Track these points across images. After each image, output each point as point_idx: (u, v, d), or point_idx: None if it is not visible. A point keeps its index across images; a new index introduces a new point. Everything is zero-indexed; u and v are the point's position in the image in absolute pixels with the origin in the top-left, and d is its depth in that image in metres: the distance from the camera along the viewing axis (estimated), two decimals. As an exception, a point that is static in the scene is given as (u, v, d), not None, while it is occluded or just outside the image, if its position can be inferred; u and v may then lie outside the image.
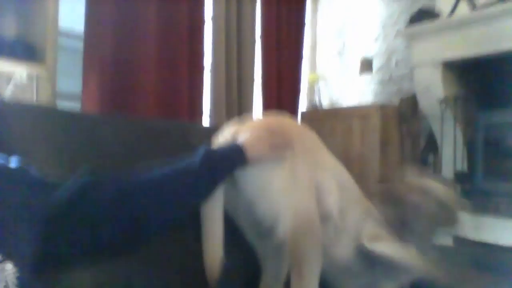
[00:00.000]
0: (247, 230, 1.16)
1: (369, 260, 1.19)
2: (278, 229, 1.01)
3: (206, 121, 3.43)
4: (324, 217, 1.11)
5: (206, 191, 0.92)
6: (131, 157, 1.14)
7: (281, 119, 1.20)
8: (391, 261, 1.15)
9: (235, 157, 0.96)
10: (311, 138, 1.21)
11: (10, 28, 2.47)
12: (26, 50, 2.42)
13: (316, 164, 1.13)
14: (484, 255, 2.30)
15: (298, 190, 1.04)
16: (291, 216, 1.01)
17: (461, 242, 2.44)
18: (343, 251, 1.21)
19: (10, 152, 0.93)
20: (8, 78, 2.41)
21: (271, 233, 1.02)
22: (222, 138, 1.10)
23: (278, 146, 1.05)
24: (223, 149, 0.98)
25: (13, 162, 0.75)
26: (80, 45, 2.75)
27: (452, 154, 2.95)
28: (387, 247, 1.17)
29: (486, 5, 2.68)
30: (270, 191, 1.02)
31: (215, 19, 3.44)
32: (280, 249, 1.11)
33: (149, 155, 1.17)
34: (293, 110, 3.90)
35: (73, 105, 2.86)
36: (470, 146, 2.96)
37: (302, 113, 3.89)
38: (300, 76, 4.01)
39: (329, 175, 1.14)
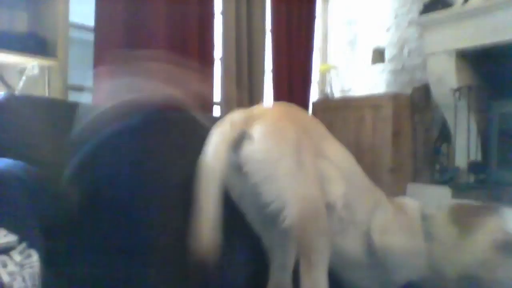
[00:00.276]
0: (253, 218, 1.16)
1: (379, 254, 1.18)
2: (284, 214, 1.01)
3: (217, 113, 3.43)
4: (329, 206, 1.11)
5: None
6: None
7: (288, 108, 1.20)
8: (399, 255, 1.15)
9: None
10: (317, 127, 1.21)
11: (21, 23, 2.49)
12: (37, 44, 2.43)
13: (320, 153, 1.13)
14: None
15: (304, 177, 1.04)
16: (297, 201, 1.01)
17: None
18: (352, 243, 1.20)
19: (21, 145, 0.94)
20: (20, 71, 2.43)
21: (277, 219, 1.02)
22: (230, 125, 1.09)
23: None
24: None
25: (19, 167, 0.76)
26: (91, 37, 2.76)
27: (465, 144, 2.92)
28: (396, 240, 1.16)
29: (500, -8, 2.63)
30: (276, 176, 1.02)
31: (225, 10, 3.43)
32: (286, 238, 1.11)
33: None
34: (304, 100, 3.88)
35: (84, 99, 2.88)
36: (484, 136, 2.92)
37: (314, 104, 3.87)
38: (311, 66, 3.98)
39: (334, 166, 1.14)
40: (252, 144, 1.06)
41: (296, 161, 1.05)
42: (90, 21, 2.75)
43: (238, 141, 1.08)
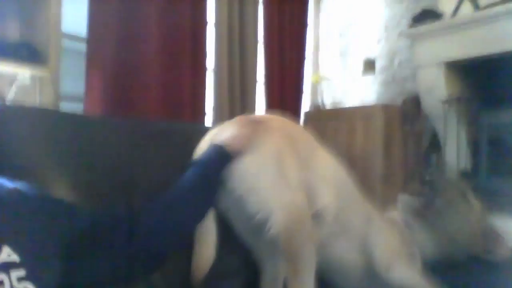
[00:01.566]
0: (241, 230, 1.16)
1: (382, 281, 1.19)
2: (269, 223, 1.01)
3: (209, 122, 3.43)
4: (317, 215, 1.11)
5: (211, 196, 1.01)
6: (135, 159, 1.14)
7: (274, 118, 1.20)
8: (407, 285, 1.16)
9: (218, 156, 1.02)
10: (306, 138, 1.21)
11: (13, 31, 2.49)
12: (29, 53, 2.43)
13: (308, 164, 1.13)
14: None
15: (286, 186, 1.05)
16: (281, 210, 1.01)
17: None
18: (345, 253, 1.21)
19: (13, 156, 0.94)
20: (12, 80, 2.42)
21: (263, 229, 1.02)
22: (203, 142, 1.12)
23: (255, 132, 1.08)
24: (206, 155, 1.03)
25: (25, 187, 0.76)
26: (83, 47, 2.76)
27: (455, 153, 2.94)
28: (404, 276, 1.18)
29: (489, 6, 2.67)
30: (259, 188, 1.03)
31: (217, 20, 3.45)
32: (276, 249, 1.11)
33: (152, 157, 1.18)
34: (296, 110, 3.90)
35: (76, 107, 2.87)
36: (473, 146, 2.95)
37: (305, 113, 3.88)
38: (303, 76, 4.01)
39: (321, 177, 1.14)
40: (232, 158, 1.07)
41: (277, 170, 1.05)
42: (82, 31, 2.75)
43: None
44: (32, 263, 0.66)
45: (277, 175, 1.04)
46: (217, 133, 1.11)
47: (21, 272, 0.64)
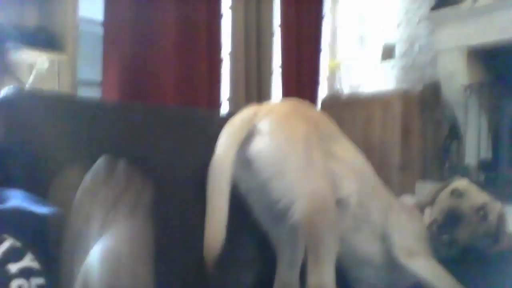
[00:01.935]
0: (260, 213, 1.15)
1: (400, 271, 1.18)
2: (293, 209, 1.01)
3: (225, 109, 3.43)
4: (341, 203, 1.11)
5: None
6: (151, 144, 1.14)
7: (298, 104, 1.20)
8: (425, 282, 1.15)
9: None
10: (327, 125, 1.20)
11: (31, 18, 2.50)
12: (47, 39, 2.44)
13: (331, 151, 1.12)
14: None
15: (313, 172, 1.04)
16: (306, 196, 1.01)
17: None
18: (365, 242, 1.20)
19: (32, 140, 0.95)
20: (30, 67, 2.45)
21: (286, 215, 1.02)
22: (240, 124, 1.10)
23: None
24: None
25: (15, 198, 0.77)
26: (101, 30, 2.77)
27: (476, 142, 2.89)
28: (423, 266, 1.16)
29: (513, -11, 2.59)
30: (286, 172, 1.03)
31: (234, 7, 3.42)
32: (295, 234, 1.10)
33: (168, 143, 1.18)
34: (313, 97, 3.86)
35: (94, 93, 2.89)
36: (494, 134, 2.89)
37: (323, 100, 3.85)
38: (320, 64, 3.96)
39: (344, 165, 1.14)
40: (261, 139, 1.06)
41: (305, 157, 1.05)
42: (100, 15, 2.76)
43: (248, 136, 1.08)
44: (53, 273, 0.67)
45: (304, 161, 1.04)
46: (258, 115, 1.10)
47: (41, 281, 0.65)
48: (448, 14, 2.91)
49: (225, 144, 1.07)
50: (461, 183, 1.29)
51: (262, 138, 1.06)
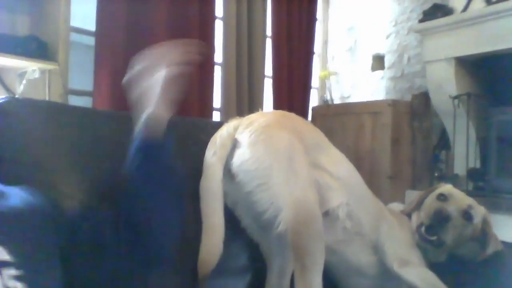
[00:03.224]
0: (248, 224, 1.16)
1: (394, 280, 1.18)
2: (278, 220, 1.01)
3: (216, 118, 3.43)
4: (329, 215, 1.11)
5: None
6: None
7: (283, 115, 1.20)
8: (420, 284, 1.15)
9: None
10: (315, 135, 1.20)
11: (22, 26, 2.50)
12: (38, 47, 2.43)
13: (317, 163, 1.13)
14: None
15: (297, 182, 1.04)
16: (291, 207, 1.01)
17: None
18: (358, 254, 1.20)
19: (21, 149, 0.94)
20: (21, 75, 2.44)
21: (272, 225, 1.02)
22: (219, 137, 1.12)
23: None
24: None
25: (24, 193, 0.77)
26: (92, 40, 2.77)
27: (464, 151, 2.92)
28: (416, 275, 1.16)
29: (500, 0, 2.64)
30: (269, 184, 1.03)
31: (225, 15, 3.44)
32: (284, 244, 1.10)
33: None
34: (304, 106, 3.88)
35: (85, 102, 2.88)
36: (483, 143, 2.92)
37: (313, 109, 3.87)
38: (311, 72, 3.99)
39: (332, 176, 1.14)
40: (242, 152, 1.06)
41: (287, 167, 1.04)
42: (91, 26, 2.76)
43: (231, 150, 1.09)
44: (27, 265, 0.67)
45: (288, 171, 1.04)
46: (240, 126, 1.11)
47: (14, 272, 0.64)
48: (436, 25, 2.95)
49: (209, 163, 1.08)
50: (446, 187, 1.31)
51: (243, 151, 1.06)
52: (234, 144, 1.09)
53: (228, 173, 1.08)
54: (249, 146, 1.06)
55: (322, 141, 1.21)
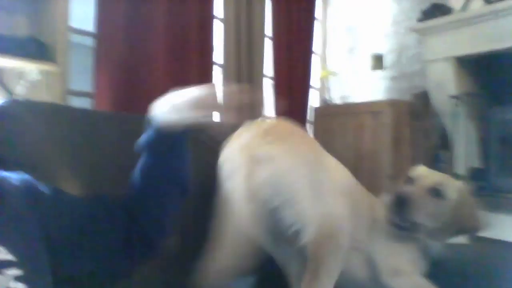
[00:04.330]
0: (264, 239, 1.12)
1: None
2: (303, 234, 0.98)
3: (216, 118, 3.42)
4: None
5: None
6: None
7: (292, 126, 1.17)
8: None
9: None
10: (310, 144, 1.18)
11: (21, 26, 2.49)
12: (37, 48, 2.43)
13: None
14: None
15: (324, 194, 1.02)
16: (317, 220, 0.98)
17: (475, 240, 2.41)
18: (357, 272, 1.17)
19: (21, 150, 0.94)
20: (20, 76, 2.43)
21: (294, 239, 0.99)
22: (239, 155, 1.05)
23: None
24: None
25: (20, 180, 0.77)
26: (91, 42, 2.76)
27: (465, 150, 2.92)
28: (410, 285, 1.14)
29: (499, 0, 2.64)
30: (295, 198, 0.99)
31: (225, 15, 3.44)
32: (303, 255, 1.08)
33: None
34: (304, 106, 3.88)
35: (85, 103, 2.87)
36: (483, 143, 2.92)
37: (313, 109, 3.87)
38: (311, 72, 3.99)
39: (331, 186, 1.12)
40: (264, 168, 1.01)
41: (313, 179, 1.01)
42: (90, 26, 2.76)
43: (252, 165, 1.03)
44: (27, 263, 0.66)
45: (315, 184, 1.01)
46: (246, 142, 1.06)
47: (18, 272, 0.64)
48: (435, 25, 2.95)
49: (234, 187, 1.02)
50: (416, 170, 1.28)
51: (265, 167, 1.01)
52: (255, 159, 1.02)
53: (248, 191, 1.02)
54: (271, 161, 1.01)
55: (318, 151, 1.17)
